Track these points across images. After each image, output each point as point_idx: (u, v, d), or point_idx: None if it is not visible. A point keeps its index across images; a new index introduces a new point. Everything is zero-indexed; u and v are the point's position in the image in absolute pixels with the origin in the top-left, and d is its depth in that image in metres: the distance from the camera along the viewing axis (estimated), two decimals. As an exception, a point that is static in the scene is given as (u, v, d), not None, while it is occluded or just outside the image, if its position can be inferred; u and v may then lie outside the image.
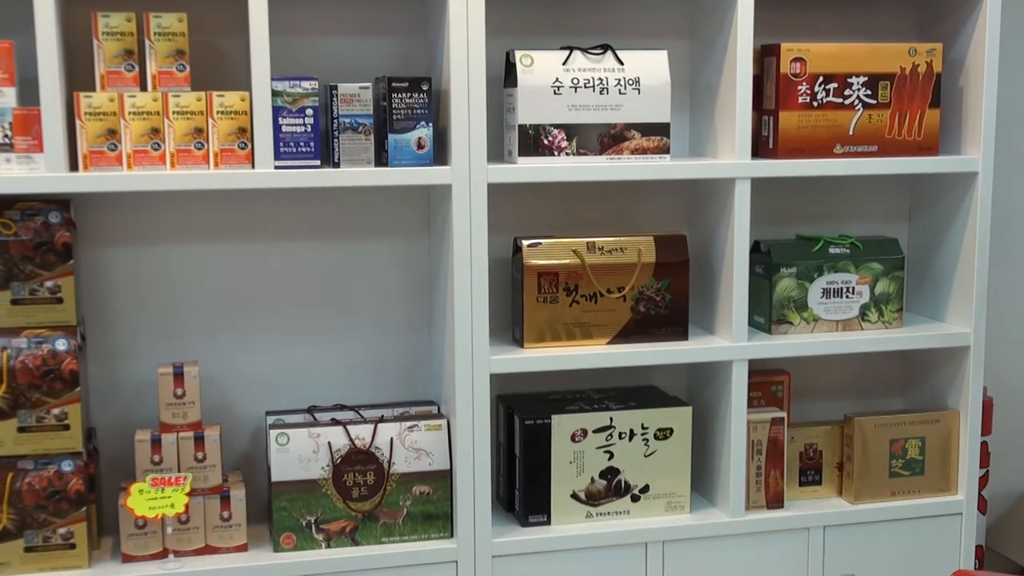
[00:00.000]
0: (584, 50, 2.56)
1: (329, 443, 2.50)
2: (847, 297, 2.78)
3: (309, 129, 2.40)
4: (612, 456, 2.66)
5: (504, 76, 2.60)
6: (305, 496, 2.49)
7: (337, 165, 2.44)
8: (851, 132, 2.69)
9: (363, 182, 2.44)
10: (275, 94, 2.37)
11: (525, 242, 2.58)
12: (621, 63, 2.56)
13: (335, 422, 2.55)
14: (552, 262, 2.58)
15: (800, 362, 2.91)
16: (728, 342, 2.66)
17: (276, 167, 2.39)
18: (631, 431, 2.66)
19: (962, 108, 2.80)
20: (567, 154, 2.54)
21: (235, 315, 2.67)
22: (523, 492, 2.64)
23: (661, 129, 2.59)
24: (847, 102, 2.68)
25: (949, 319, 2.89)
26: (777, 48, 2.64)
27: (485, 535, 2.56)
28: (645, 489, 2.69)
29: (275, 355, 2.70)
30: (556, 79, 2.52)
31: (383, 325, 2.75)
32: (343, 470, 2.51)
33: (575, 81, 2.53)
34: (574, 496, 2.65)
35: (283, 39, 2.52)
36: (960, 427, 2.86)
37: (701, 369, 2.81)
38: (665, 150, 2.60)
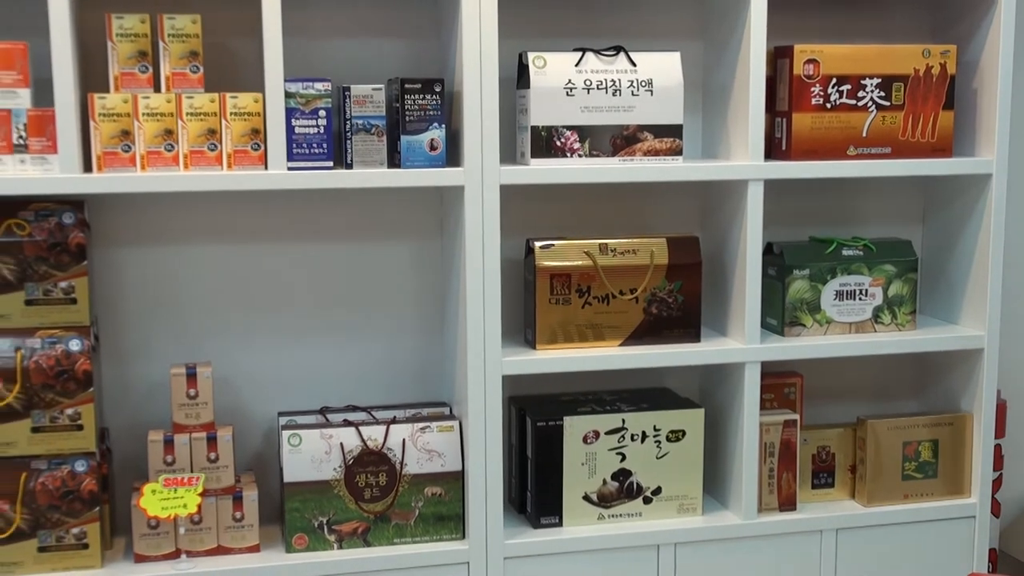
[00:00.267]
0: (597, 52, 2.55)
1: (341, 444, 2.50)
2: (860, 299, 2.77)
3: (322, 130, 2.40)
4: (624, 458, 2.66)
5: (517, 77, 2.60)
6: (317, 497, 2.49)
7: (350, 166, 2.45)
8: (864, 134, 2.69)
9: (376, 183, 2.44)
10: (288, 95, 2.37)
11: (537, 244, 2.58)
12: (634, 64, 2.56)
13: (347, 423, 2.55)
14: (564, 264, 2.58)
15: (813, 364, 2.91)
16: (741, 344, 2.66)
17: (289, 168, 2.39)
18: (643, 433, 2.66)
19: (976, 110, 2.79)
20: (580, 156, 2.54)
21: (248, 316, 2.67)
22: (535, 494, 2.64)
23: (674, 131, 2.58)
24: (860, 104, 2.67)
25: (963, 321, 2.88)
26: (790, 50, 2.64)
27: (497, 536, 2.56)
28: (657, 491, 2.68)
29: (287, 356, 2.71)
30: (569, 81, 2.52)
31: (395, 326, 2.76)
32: (355, 471, 2.51)
33: (588, 83, 2.53)
34: (586, 498, 2.65)
35: (296, 41, 2.53)
36: (973, 430, 2.85)
37: (713, 371, 2.80)
38: (678, 152, 2.59)
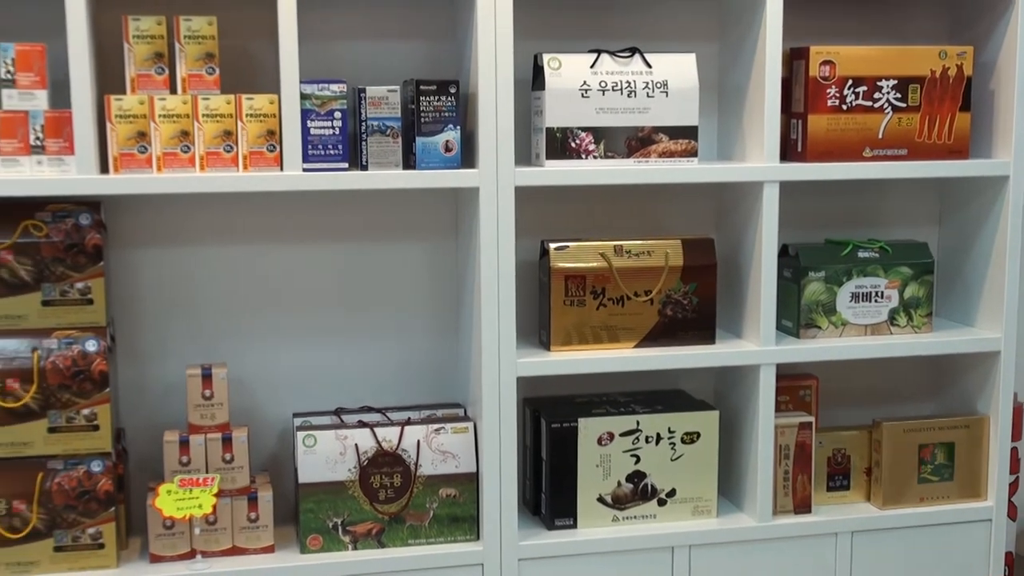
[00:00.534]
0: (612, 53, 2.55)
1: (356, 445, 2.51)
2: (876, 301, 2.76)
3: (337, 132, 2.41)
4: (639, 460, 2.65)
5: (532, 79, 2.60)
6: (332, 498, 2.50)
7: (365, 168, 2.45)
8: (880, 135, 2.68)
9: (391, 185, 2.45)
10: (304, 97, 2.38)
11: (552, 245, 2.58)
12: (649, 66, 2.56)
13: (362, 424, 2.55)
14: (579, 265, 2.58)
15: (828, 366, 2.89)
16: (756, 346, 2.65)
17: (304, 170, 2.39)
18: (658, 435, 2.65)
19: (993, 111, 2.78)
20: (595, 157, 2.54)
21: (263, 317, 2.68)
22: (549, 495, 2.64)
23: (689, 132, 2.58)
24: (877, 105, 2.67)
25: (979, 324, 2.87)
26: (806, 51, 2.63)
27: (511, 538, 2.56)
28: (672, 493, 2.68)
29: (303, 357, 2.71)
30: (584, 82, 2.52)
31: (410, 327, 2.76)
32: (370, 472, 2.51)
33: (603, 84, 2.53)
34: (600, 500, 2.65)
35: (312, 42, 2.53)
36: (990, 433, 2.84)
37: (728, 373, 2.80)
38: (693, 153, 2.59)
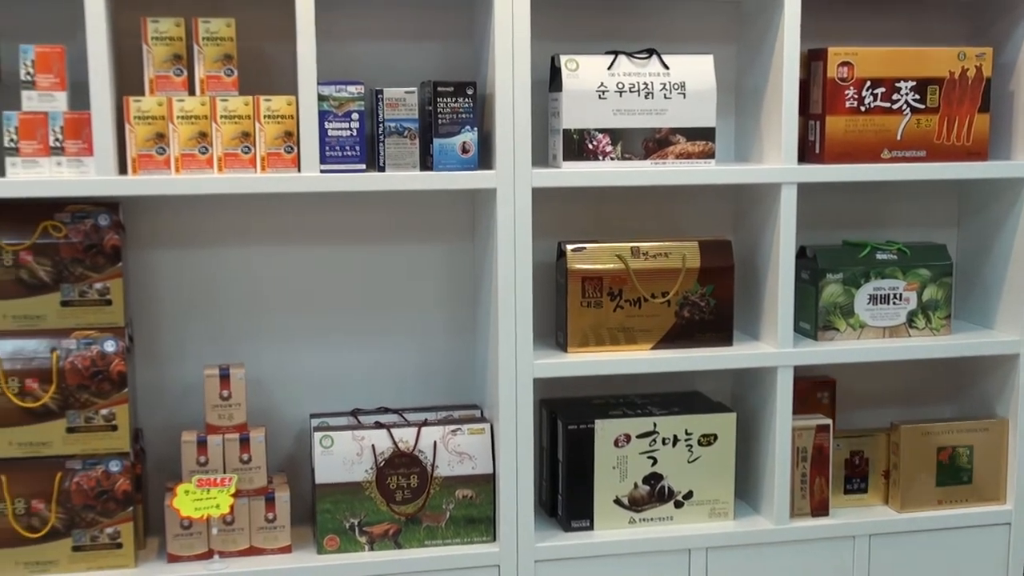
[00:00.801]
0: (629, 54, 2.55)
1: (373, 446, 2.51)
2: (894, 304, 2.75)
3: (355, 133, 2.41)
4: (655, 462, 2.65)
5: (549, 80, 2.60)
6: (349, 498, 2.50)
7: (382, 169, 2.45)
8: (899, 137, 2.67)
9: (408, 186, 2.45)
10: (321, 98, 2.38)
11: (569, 246, 2.58)
12: (666, 67, 2.55)
13: (379, 425, 2.56)
14: (596, 267, 2.57)
15: (846, 369, 2.89)
16: (773, 348, 2.64)
17: (322, 171, 2.40)
18: (675, 437, 2.65)
19: (1012, 113, 2.77)
20: (612, 158, 2.54)
21: (281, 318, 2.69)
22: (566, 497, 2.64)
23: (706, 133, 2.58)
24: (895, 107, 2.66)
25: (998, 326, 2.86)
26: (824, 52, 2.62)
27: (528, 540, 2.56)
28: (688, 495, 2.67)
29: (320, 358, 2.71)
30: (601, 83, 2.52)
31: (427, 328, 2.76)
32: (387, 473, 2.51)
33: (620, 85, 2.53)
34: (617, 501, 2.65)
35: (330, 44, 2.54)
36: (1009, 436, 2.83)
37: (746, 375, 2.79)
38: (710, 155, 2.58)
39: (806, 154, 2.70)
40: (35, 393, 2.36)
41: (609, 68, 2.53)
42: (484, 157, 2.52)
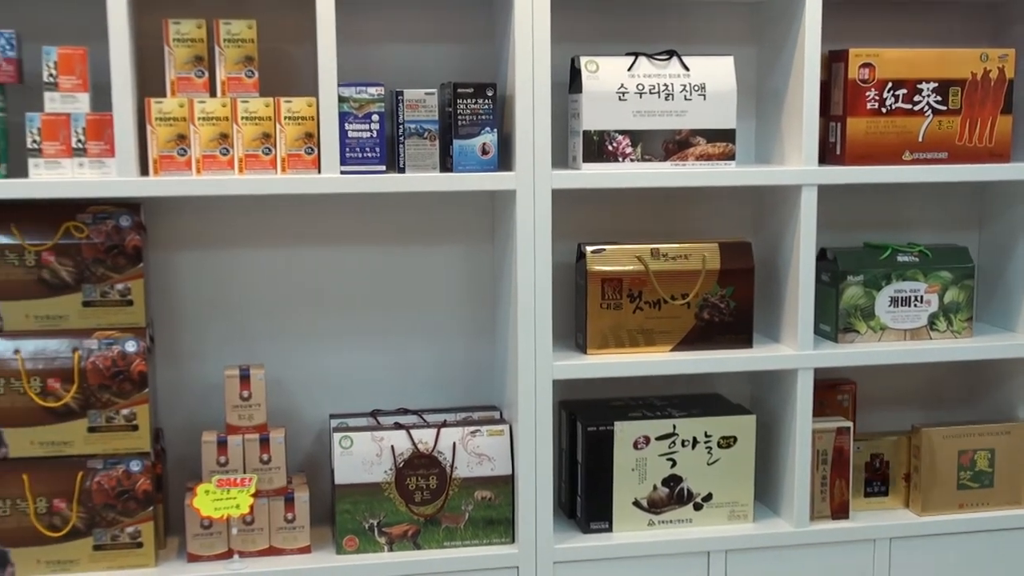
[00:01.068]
0: (649, 56, 2.55)
1: (392, 447, 2.51)
2: (915, 306, 2.74)
3: (375, 135, 2.42)
4: (675, 464, 2.65)
5: (569, 82, 2.60)
6: (368, 499, 2.50)
7: (402, 170, 2.46)
8: (920, 139, 2.66)
9: (428, 187, 2.45)
10: (342, 100, 2.39)
11: (589, 248, 2.58)
12: (687, 69, 2.55)
13: (398, 426, 2.56)
14: (616, 268, 2.57)
15: (866, 371, 2.88)
16: (793, 350, 2.64)
17: (342, 172, 2.41)
18: (694, 439, 2.65)
19: (1035, 114, 2.76)
20: (632, 160, 2.53)
21: (301, 318, 2.69)
22: (585, 499, 2.64)
23: (727, 135, 2.57)
24: (917, 108, 2.65)
25: (1020, 329, 2.84)
26: (845, 54, 2.61)
27: (546, 541, 2.56)
28: (708, 497, 2.67)
29: (340, 358, 2.72)
30: (621, 85, 2.52)
31: (447, 330, 2.76)
32: (406, 474, 2.52)
33: (640, 87, 2.52)
34: (636, 503, 2.64)
35: (350, 45, 2.54)
36: (1031, 439, 2.82)
37: (765, 377, 2.78)
38: (731, 156, 2.58)
39: (827, 156, 2.69)
40: (57, 393, 2.37)
41: (629, 69, 2.53)
42: (504, 158, 2.52)
